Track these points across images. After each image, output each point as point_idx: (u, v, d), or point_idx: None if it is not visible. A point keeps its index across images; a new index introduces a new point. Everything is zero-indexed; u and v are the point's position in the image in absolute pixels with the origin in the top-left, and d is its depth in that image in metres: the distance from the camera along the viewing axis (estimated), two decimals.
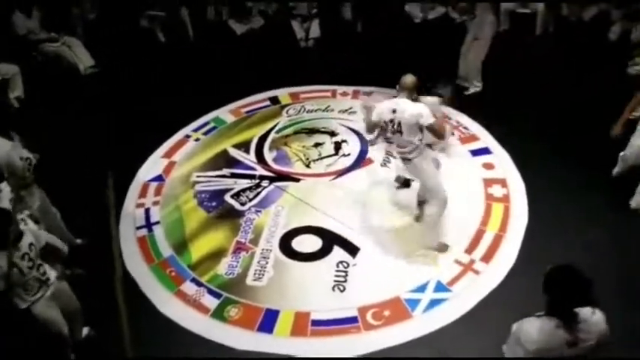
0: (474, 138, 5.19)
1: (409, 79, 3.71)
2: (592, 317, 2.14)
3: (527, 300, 3.53)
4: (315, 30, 7.37)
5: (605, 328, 2.16)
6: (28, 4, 6.55)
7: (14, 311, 2.98)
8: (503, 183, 4.60)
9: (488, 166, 4.81)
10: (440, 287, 3.75)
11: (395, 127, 3.66)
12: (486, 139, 5.16)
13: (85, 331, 3.49)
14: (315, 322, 3.56)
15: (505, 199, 4.45)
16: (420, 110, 3.59)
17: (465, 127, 5.34)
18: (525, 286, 3.67)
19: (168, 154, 5.23)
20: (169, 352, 3.40)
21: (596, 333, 2.14)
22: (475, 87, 5.91)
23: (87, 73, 6.82)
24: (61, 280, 3.22)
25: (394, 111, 3.63)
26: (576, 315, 2.12)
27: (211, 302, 3.74)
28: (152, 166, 5.09)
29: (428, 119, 3.58)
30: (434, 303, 3.64)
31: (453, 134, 5.14)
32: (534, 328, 2.15)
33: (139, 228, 4.41)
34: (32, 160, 3.63)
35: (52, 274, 3.14)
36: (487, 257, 3.95)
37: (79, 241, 4.13)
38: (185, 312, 3.68)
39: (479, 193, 4.52)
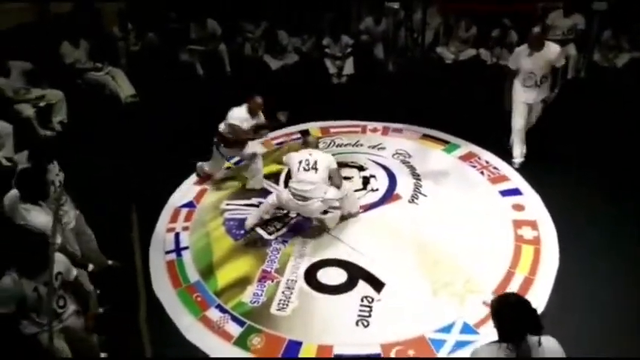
0: (504, 178, 5.17)
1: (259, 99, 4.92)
2: (545, 343, 2.25)
3: None
4: (348, 67, 7.56)
5: (561, 352, 2.26)
6: (76, 36, 6.96)
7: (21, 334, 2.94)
8: (533, 225, 4.53)
9: (519, 208, 4.76)
10: (467, 329, 3.66)
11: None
12: (516, 179, 5.13)
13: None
14: (338, 357, 3.51)
15: (536, 241, 4.37)
16: None
17: (495, 168, 5.33)
18: (555, 333, 3.58)
19: (200, 182, 5.37)
20: None
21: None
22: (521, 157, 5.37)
23: (127, 101, 7.15)
24: (79, 316, 3.12)
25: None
26: (525, 341, 2.23)
27: (235, 329, 3.74)
28: (185, 192, 5.23)
29: None
30: (460, 345, 3.55)
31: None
32: (486, 353, 2.27)
33: (168, 252, 4.49)
34: (61, 178, 3.74)
35: (71, 308, 3.07)
36: None
37: (110, 262, 4.23)
38: (209, 338, 3.68)
39: (508, 235, 4.45)
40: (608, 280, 3.90)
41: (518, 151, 5.27)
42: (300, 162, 4.40)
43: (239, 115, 4.94)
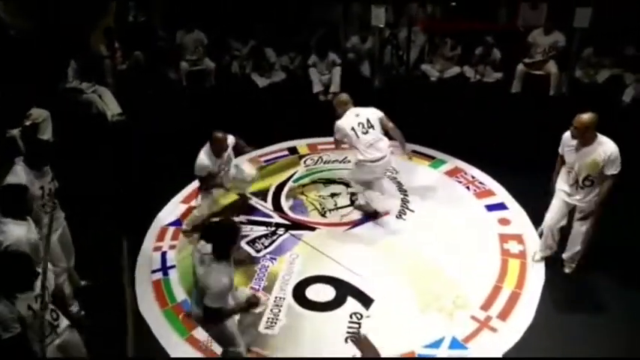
0: (489, 193, 5.22)
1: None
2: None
3: None
4: (335, 84, 7.62)
5: None
6: (64, 56, 6.95)
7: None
8: (519, 239, 4.58)
9: (504, 222, 4.81)
10: (455, 344, 3.67)
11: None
12: (502, 194, 5.18)
13: None
14: None
15: (522, 255, 4.41)
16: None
17: (481, 182, 5.38)
18: (542, 346, 3.61)
19: (187, 200, 5.34)
20: None
21: None
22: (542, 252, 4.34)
23: (114, 120, 7.12)
24: (72, 329, 3.15)
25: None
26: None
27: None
28: (171, 210, 5.19)
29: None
30: None
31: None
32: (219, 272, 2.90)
33: (154, 271, 4.44)
34: (53, 187, 3.74)
35: (64, 322, 3.09)
36: (504, 315, 3.88)
37: (83, 282, 4.18)
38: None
39: (495, 249, 4.50)
40: (594, 292, 3.95)
41: (541, 245, 4.31)
42: (353, 128, 4.47)
43: (202, 164, 4.50)
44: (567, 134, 3.82)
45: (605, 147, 3.63)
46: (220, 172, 4.67)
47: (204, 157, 4.52)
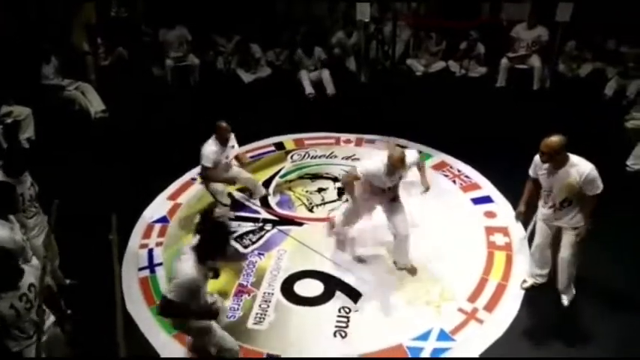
0: (475, 186, 5.27)
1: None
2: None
3: (531, 350, 3.56)
4: (330, 87, 7.51)
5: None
6: (46, 52, 6.84)
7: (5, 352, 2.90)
8: (505, 232, 4.63)
9: (490, 215, 4.86)
10: (443, 336, 3.70)
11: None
12: (487, 187, 5.23)
13: None
14: None
15: (507, 247, 4.47)
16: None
17: (467, 176, 5.43)
18: (528, 337, 3.67)
19: (173, 196, 5.29)
20: None
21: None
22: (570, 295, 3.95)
23: (97, 117, 7.04)
24: (56, 326, 3.13)
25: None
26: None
27: None
28: (157, 207, 5.15)
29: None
30: (437, 352, 3.59)
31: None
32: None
33: (141, 269, 4.40)
34: (33, 191, 3.69)
35: (50, 319, 3.06)
36: (490, 306, 3.92)
37: (68, 281, 4.14)
38: (184, 355, 3.62)
39: (481, 241, 4.54)
40: (578, 284, 4.00)
41: (530, 270, 4.07)
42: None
43: (210, 152, 4.50)
44: (538, 157, 3.58)
45: (580, 168, 3.39)
46: (224, 161, 4.67)
47: (211, 144, 4.53)
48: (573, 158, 3.44)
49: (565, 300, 3.89)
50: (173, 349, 3.67)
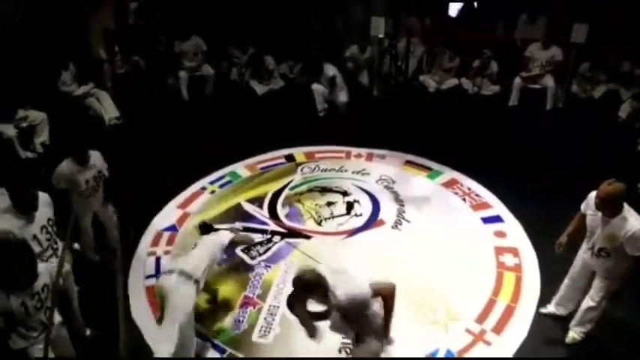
0: (485, 205, 5.23)
1: None
2: None
3: None
4: (343, 95, 7.49)
5: None
6: (63, 59, 6.95)
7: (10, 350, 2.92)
8: (515, 252, 4.58)
9: (500, 235, 4.81)
10: (450, 356, 3.65)
11: None
12: (498, 207, 5.19)
13: None
14: None
15: (517, 268, 4.42)
16: None
17: (477, 195, 5.39)
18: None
19: (183, 205, 5.32)
20: None
21: None
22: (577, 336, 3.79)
23: (111, 123, 7.12)
24: (62, 326, 3.17)
25: None
26: None
27: None
28: (167, 215, 5.17)
29: None
30: None
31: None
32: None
33: (148, 277, 4.41)
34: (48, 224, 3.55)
35: (57, 319, 3.10)
36: (498, 328, 3.87)
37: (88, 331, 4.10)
38: None
39: (490, 261, 4.49)
40: None
41: (556, 299, 3.95)
42: None
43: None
44: (592, 195, 3.38)
45: (629, 223, 3.19)
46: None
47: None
48: (627, 210, 3.24)
49: (568, 337, 3.76)
50: None
